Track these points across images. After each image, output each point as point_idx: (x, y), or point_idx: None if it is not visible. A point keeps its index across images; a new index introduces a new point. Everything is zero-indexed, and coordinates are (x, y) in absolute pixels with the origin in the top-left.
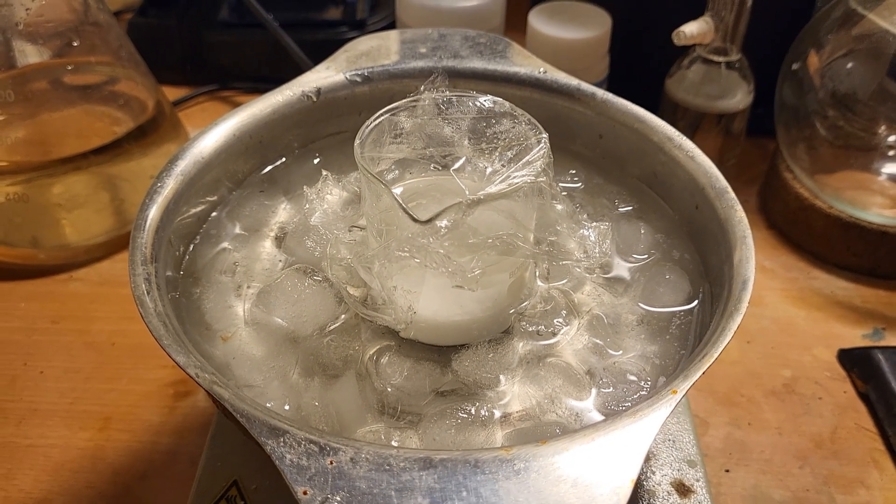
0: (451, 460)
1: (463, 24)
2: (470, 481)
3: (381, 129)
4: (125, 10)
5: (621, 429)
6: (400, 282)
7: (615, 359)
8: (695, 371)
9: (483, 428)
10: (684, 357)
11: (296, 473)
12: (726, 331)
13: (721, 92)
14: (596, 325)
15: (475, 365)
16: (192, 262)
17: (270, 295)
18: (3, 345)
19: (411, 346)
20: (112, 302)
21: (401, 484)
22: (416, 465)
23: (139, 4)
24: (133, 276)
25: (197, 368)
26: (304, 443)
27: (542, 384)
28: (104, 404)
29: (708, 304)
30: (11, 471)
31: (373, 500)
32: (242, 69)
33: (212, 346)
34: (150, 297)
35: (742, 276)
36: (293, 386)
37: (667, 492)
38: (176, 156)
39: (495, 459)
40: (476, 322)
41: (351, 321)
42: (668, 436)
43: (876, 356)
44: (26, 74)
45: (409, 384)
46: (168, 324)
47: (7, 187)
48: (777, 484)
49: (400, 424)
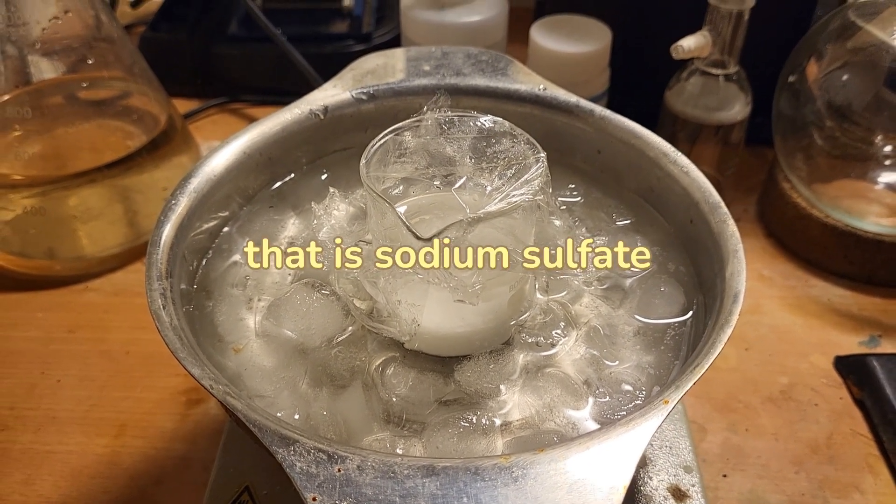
0: (452, 468)
1: (467, 39)
2: (470, 488)
3: (385, 148)
4: (137, 24)
5: (615, 437)
6: (404, 295)
7: (611, 369)
8: (686, 382)
9: (484, 436)
10: (677, 367)
11: (305, 480)
12: (717, 343)
13: (719, 103)
14: (593, 336)
15: (477, 375)
16: (205, 275)
17: (280, 308)
18: (22, 354)
19: (415, 357)
20: (126, 311)
21: (405, 490)
22: (419, 473)
23: (150, 18)
24: (150, 292)
25: (211, 380)
26: (313, 451)
27: (541, 394)
28: (119, 411)
29: (702, 315)
30: (31, 476)
31: None
32: (251, 82)
33: (224, 357)
34: (166, 311)
35: (733, 289)
36: (302, 396)
37: (663, 497)
38: (189, 174)
39: (494, 467)
40: (477, 334)
41: (357, 333)
42: (664, 442)
43: (871, 363)
44: (42, 90)
45: (413, 394)
46: (183, 337)
47: (23, 200)
48: (773, 489)
49: (404, 433)
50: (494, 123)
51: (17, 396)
